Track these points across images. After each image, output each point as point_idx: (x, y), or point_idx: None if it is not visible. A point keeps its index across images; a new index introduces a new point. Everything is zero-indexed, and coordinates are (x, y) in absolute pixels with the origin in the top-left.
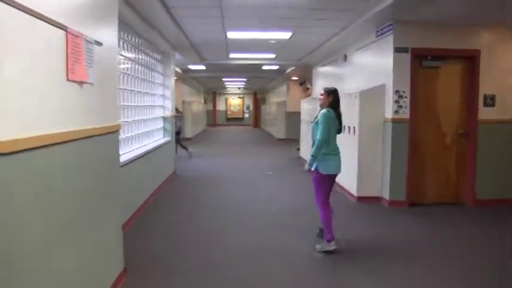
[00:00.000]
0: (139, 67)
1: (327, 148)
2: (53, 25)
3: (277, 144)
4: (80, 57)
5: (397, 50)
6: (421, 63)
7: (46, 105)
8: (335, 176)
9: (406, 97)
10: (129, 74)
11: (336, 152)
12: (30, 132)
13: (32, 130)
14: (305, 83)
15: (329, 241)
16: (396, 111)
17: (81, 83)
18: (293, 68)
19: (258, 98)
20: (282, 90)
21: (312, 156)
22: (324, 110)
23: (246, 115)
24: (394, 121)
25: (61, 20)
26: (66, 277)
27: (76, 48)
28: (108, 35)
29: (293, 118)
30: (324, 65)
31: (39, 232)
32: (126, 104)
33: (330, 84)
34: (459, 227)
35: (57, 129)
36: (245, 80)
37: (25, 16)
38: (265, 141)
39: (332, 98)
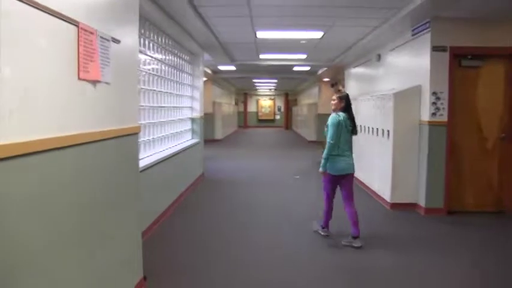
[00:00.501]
0: (167, 68)
1: (337, 150)
2: (63, 19)
3: (307, 146)
4: (94, 55)
5: (435, 48)
6: (460, 62)
7: (51, 107)
8: (347, 175)
9: (444, 99)
10: (156, 75)
11: (345, 154)
12: (28, 136)
13: (32, 133)
14: (337, 84)
15: (323, 227)
16: (433, 114)
17: (95, 82)
18: (325, 69)
19: (289, 99)
20: (313, 91)
21: (324, 159)
22: (332, 114)
23: (278, 117)
24: (431, 124)
25: (72, 15)
26: (78, 286)
27: (89, 45)
28: (127, 32)
29: (324, 120)
30: (356, 66)
31: (47, 240)
32: (152, 105)
33: (363, 86)
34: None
35: (65, 131)
36: (276, 81)
37: (29, 9)
38: (296, 143)
39: (344, 103)
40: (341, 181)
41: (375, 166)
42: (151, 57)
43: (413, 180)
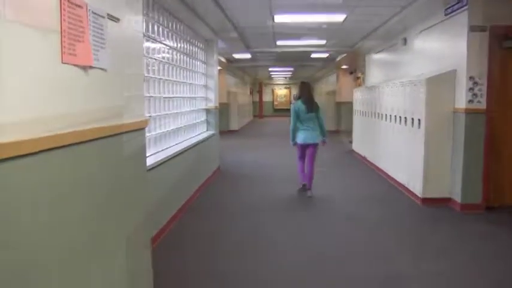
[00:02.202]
0: (180, 55)
1: (300, 127)
2: None
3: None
4: (84, 35)
5: (473, 28)
6: (501, 44)
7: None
8: (308, 145)
9: (482, 84)
10: (168, 63)
11: (305, 129)
12: None
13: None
14: (356, 71)
15: (302, 185)
16: (470, 101)
17: (85, 67)
18: (344, 55)
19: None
20: (331, 79)
21: (291, 137)
22: (291, 104)
23: None
24: (468, 112)
25: None
26: None
27: (77, 21)
28: (129, 9)
29: (343, 108)
30: (378, 52)
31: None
32: (162, 95)
33: (387, 73)
34: None
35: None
36: (292, 69)
37: None
38: None
39: (298, 91)
40: (305, 149)
41: (402, 157)
42: (162, 43)
43: (447, 173)
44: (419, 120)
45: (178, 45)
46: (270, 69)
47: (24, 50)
